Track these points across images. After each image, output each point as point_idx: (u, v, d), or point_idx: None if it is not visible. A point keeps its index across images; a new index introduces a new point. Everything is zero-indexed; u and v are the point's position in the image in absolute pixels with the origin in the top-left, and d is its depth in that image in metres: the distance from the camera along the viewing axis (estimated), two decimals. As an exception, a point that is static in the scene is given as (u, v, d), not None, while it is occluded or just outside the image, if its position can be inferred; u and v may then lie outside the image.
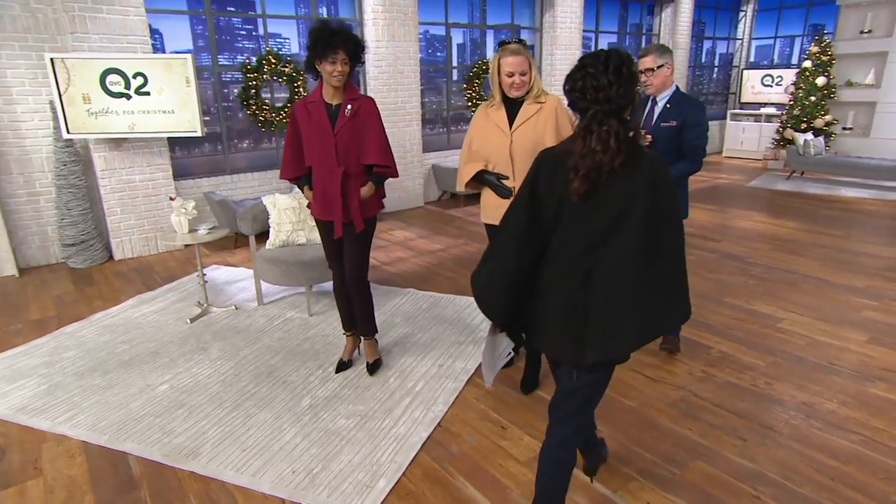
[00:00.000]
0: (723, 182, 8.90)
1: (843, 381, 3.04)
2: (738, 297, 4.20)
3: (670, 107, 3.00)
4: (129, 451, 2.58)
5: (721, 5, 11.32)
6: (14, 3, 4.87)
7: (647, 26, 10.24)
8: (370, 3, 6.56)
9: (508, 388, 3.02)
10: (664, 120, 3.01)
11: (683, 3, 10.02)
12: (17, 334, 3.88)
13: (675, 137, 2.97)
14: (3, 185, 5.09)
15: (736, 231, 6.05)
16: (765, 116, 10.60)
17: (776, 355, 3.34)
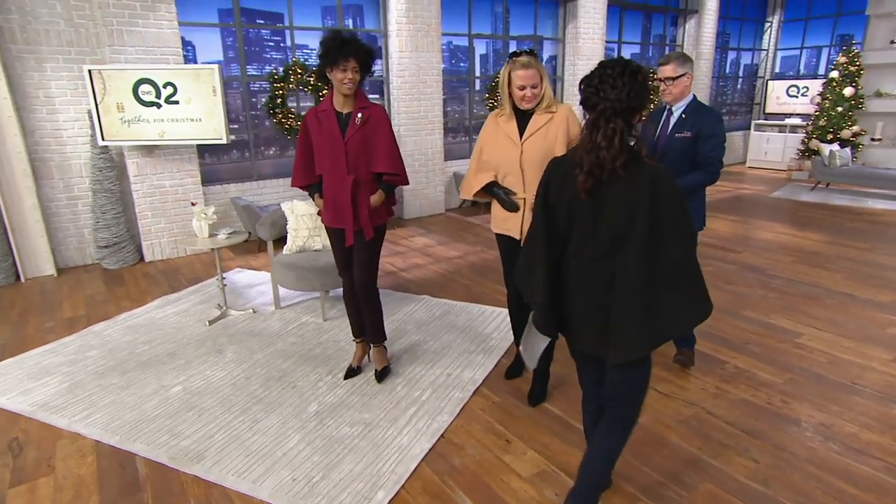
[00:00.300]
0: (746, 192, 8.59)
1: (866, 403, 2.83)
2: (756, 310, 3.98)
3: (685, 117, 2.84)
4: (137, 451, 2.54)
5: (746, 16, 10.97)
6: (59, 20, 4.97)
7: (671, 37, 9.98)
8: (394, 15, 6.52)
9: (516, 400, 2.90)
10: (678, 130, 2.85)
11: (707, 14, 9.73)
12: (48, 332, 3.92)
13: (690, 148, 2.81)
14: (45, 190, 5.18)
15: (757, 242, 5.79)
16: (789, 127, 10.20)
17: (794, 372, 3.13)
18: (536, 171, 2.58)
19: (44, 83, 5.01)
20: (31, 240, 5.06)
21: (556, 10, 8.26)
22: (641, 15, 9.37)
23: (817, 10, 10.70)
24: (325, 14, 6.40)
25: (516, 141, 2.59)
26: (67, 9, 4.97)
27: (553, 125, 2.57)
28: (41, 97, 5.03)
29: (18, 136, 4.86)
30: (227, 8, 5.77)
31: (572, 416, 2.74)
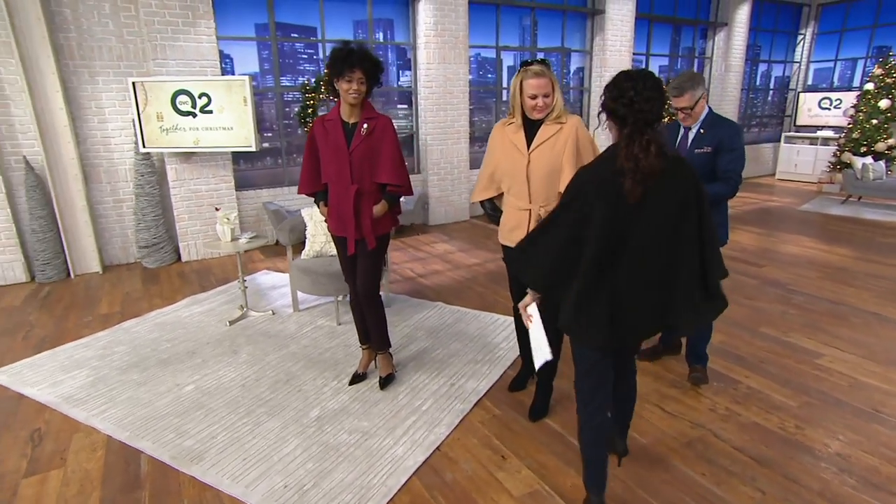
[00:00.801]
0: (773, 205, 8.11)
1: (890, 433, 2.54)
2: (775, 327, 3.68)
3: (704, 132, 2.64)
4: (143, 449, 2.50)
5: (778, 28, 10.40)
6: (112, 37, 5.08)
7: (700, 50, 9.54)
8: (423, 29, 6.43)
9: (516, 414, 2.73)
10: (698, 146, 2.65)
11: (737, 27, 9.27)
12: (85, 326, 3.97)
13: (711, 163, 2.62)
14: (94, 193, 5.31)
15: (781, 256, 5.41)
16: (821, 139, 9.61)
17: (811, 396, 2.85)
18: (543, 182, 2.42)
19: (96, 95, 5.13)
20: (80, 239, 5.18)
21: (584, 23, 8.00)
22: (670, 27, 8.99)
23: (853, 21, 10.04)
24: (357, 27, 6.36)
25: (523, 151, 2.43)
26: (118, 26, 5.07)
27: (561, 136, 2.40)
28: (93, 108, 5.15)
29: (72, 143, 4.98)
30: (264, 23, 5.79)
31: (571, 432, 2.55)
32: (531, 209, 2.46)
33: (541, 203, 2.45)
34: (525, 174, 2.44)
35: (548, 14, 7.64)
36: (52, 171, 4.94)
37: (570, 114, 2.45)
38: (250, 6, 5.68)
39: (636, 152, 1.61)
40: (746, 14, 9.25)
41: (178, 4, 5.06)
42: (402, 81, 6.86)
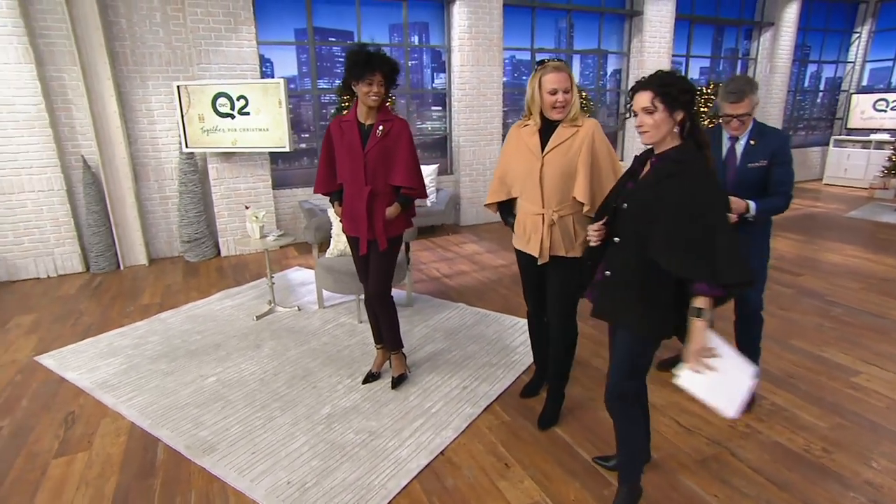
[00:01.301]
0: (818, 211, 7.59)
1: (928, 461, 2.29)
2: (808, 340, 3.41)
3: (755, 143, 2.39)
4: (161, 437, 2.55)
5: (830, 27, 9.72)
6: (161, 43, 5.26)
7: (744, 51, 9.03)
8: (457, 31, 6.35)
9: (525, 421, 2.62)
10: (751, 160, 2.40)
11: (785, 26, 8.71)
12: (126, 316, 4.12)
13: (765, 178, 2.40)
14: (142, 190, 5.51)
15: (822, 265, 5.03)
16: (874, 143, 8.92)
17: (844, 416, 2.61)
18: (556, 185, 2.31)
19: (146, 98, 5.32)
20: (129, 233, 5.40)
21: (622, 25, 7.72)
22: (712, 28, 8.55)
23: (914, 18, 9.28)
24: (392, 31, 6.34)
25: (537, 153, 2.32)
26: (168, 34, 5.24)
27: (577, 140, 2.28)
28: (143, 110, 5.35)
29: (123, 143, 5.19)
30: (303, 27, 5.86)
31: (580, 443, 2.43)
32: (544, 213, 2.35)
33: (554, 207, 2.33)
34: (538, 177, 2.32)
35: (584, 16, 7.41)
36: (106, 170, 5.16)
37: (587, 117, 2.33)
38: (290, 12, 5.76)
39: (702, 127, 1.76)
40: (795, 13, 8.69)
41: (222, 12, 5.18)
42: (437, 84, 6.81)
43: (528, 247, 2.43)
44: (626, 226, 1.80)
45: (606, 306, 1.89)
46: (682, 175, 1.67)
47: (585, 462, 2.30)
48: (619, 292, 1.83)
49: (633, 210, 1.78)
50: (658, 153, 1.76)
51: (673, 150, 1.73)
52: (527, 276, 2.59)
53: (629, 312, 1.81)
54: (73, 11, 4.75)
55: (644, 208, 1.74)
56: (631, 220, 1.78)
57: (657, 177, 1.73)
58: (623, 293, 1.82)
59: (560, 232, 2.34)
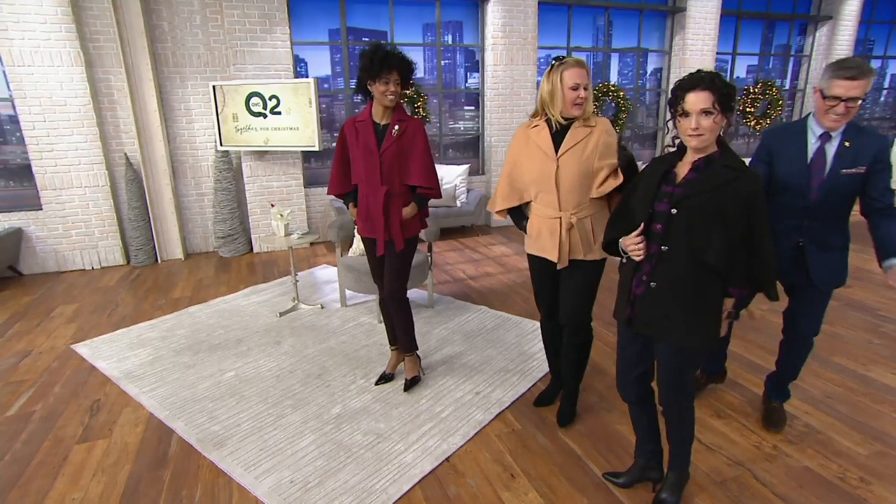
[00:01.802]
0: (878, 218, 7.07)
1: (983, 499, 2.06)
2: (853, 358, 3.16)
3: (850, 145, 2.02)
4: (176, 429, 2.61)
5: (897, 20, 9.06)
6: (200, 45, 5.44)
7: (797, 47, 8.54)
8: (491, 30, 6.28)
9: (536, 431, 2.54)
10: (847, 164, 2.02)
11: (844, 20, 8.17)
12: (157, 308, 4.27)
13: (860, 187, 2.05)
14: (180, 187, 5.72)
15: (875, 276, 4.66)
16: (945, 145, 8.24)
17: (886, 443, 2.40)
18: (574, 188, 2.22)
19: (185, 98, 5.51)
20: (167, 229, 5.61)
21: (664, 22, 7.44)
22: (761, 24, 8.12)
23: None
24: (426, 30, 6.33)
25: (551, 154, 2.23)
26: (206, 36, 5.41)
27: (592, 139, 2.20)
28: (182, 109, 5.54)
29: (163, 142, 5.40)
30: (336, 28, 5.93)
31: (590, 456, 2.33)
32: (562, 217, 2.26)
33: (572, 210, 2.25)
34: (554, 180, 2.24)
35: (623, 13, 7.18)
36: (146, 167, 5.38)
37: (599, 117, 2.25)
38: (324, 12, 5.84)
39: None
40: (857, 5, 8.13)
41: (258, 13, 5.30)
42: (470, 83, 6.75)
43: (546, 252, 2.35)
44: (678, 233, 1.70)
45: (652, 320, 1.79)
46: (741, 181, 1.63)
47: (595, 476, 2.20)
48: (666, 304, 1.74)
49: (687, 216, 1.68)
50: (702, 157, 1.68)
51: (719, 153, 1.67)
52: (540, 282, 2.51)
53: (677, 326, 1.73)
54: (119, 16, 4.98)
55: (702, 214, 1.65)
56: (684, 227, 1.69)
57: (712, 182, 1.64)
58: (671, 305, 1.73)
59: (579, 235, 2.26)
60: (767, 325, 3.68)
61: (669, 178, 1.74)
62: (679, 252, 1.70)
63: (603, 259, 2.35)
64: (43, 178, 5.07)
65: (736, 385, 2.91)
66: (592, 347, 2.57)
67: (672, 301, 1.73)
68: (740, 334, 3.52)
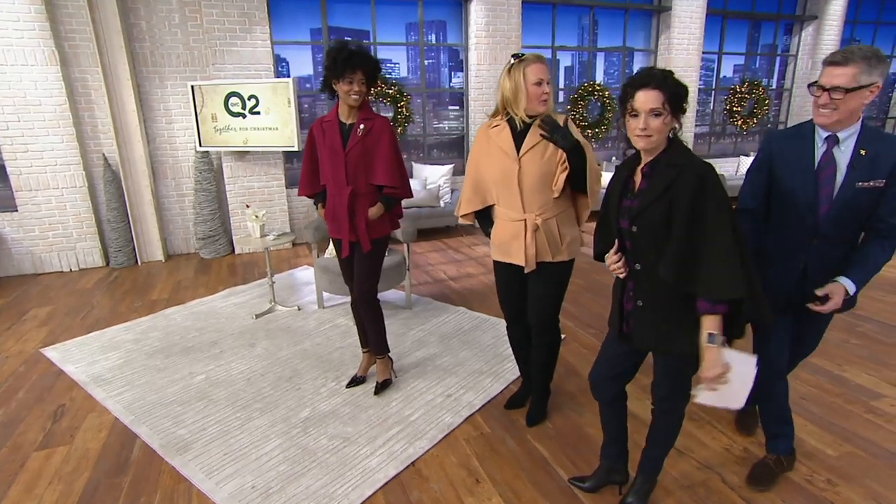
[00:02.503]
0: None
1: (950, 500, 2.05)
2: (829, 358, 3.15)
3: (866, 153, 1.70)
4: (140, 434, 2.56)
5: (882, 20, 9.10)
6: (179, 44, 5.38)
7: (783, 47, 8.56)
8: (474, 29, 6.26)
9: (505, 434, 2.51)
10: (863, 176, 1.71)
11: (829, 20, 8.20)
12: (133, 311, 4.22)
13: (875, 204, 1.74)
14: (160, 187, 5.66)
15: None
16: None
17: (856, 445, 2.38)
18: (537, 188, 2.17)
19: (164, 98, 5.46)
20: (147, 230, 5.55)
21: (649, 21, 7.44)
22: (747, 23, 8.13)
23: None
24: (409, 30, 6.30)
25: (512, 155, 2.18)
26: (185, 35, 5.35)
27: None
28: (161, 109, 5.48)
29: (141, 142, 5.34)
30: (318, 27, 5.89)
31: (559, 461, 2.30)
32: (526, 219, 2.22)
33: (536, 212, 2.21)
34: (516, 181, 2.20)
35: (608, 12, 7.18)
36: (125, 167, 5.31)
37: (559, 113, 2.22)
38: (305, 12, 5.79)
39: None
40: (842, 5, 8.17)
41: (237, 12, 5.25)
42: (454, 83, 6.72)
43: (512, 257, 2.31)
44: (643, 249, 1.63)
45: (648, 337, 1.71)
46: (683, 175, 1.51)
47: (560, 481, 2.18)
48: (658, 321, 1.67)
49: (645, 233, 1.60)
50: (648, 161, 1.60)
51: (664, 154, 1.57)
52: (507, 288, 2.46)
53: (675, 339, 1.66)
54: (95, 15, 4.91)
55: (657, 228, 1.56)
56: (647, 243, 1.61)
57: (658, 188, 1.55)
58: (662, 322, 1.66)
59: (545, 236, 2.22)
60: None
61: (629, 189, 1.67)
62: (653, 267, 1.61)
63: (571, 260, 2.32)
64: (18, 180, 5.00)
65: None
66: (567, 349, 2.56)
67: (662, 318, 1.66)
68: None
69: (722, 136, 8.65)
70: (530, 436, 2.49)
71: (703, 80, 8.08)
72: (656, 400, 1.85)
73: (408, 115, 6.19)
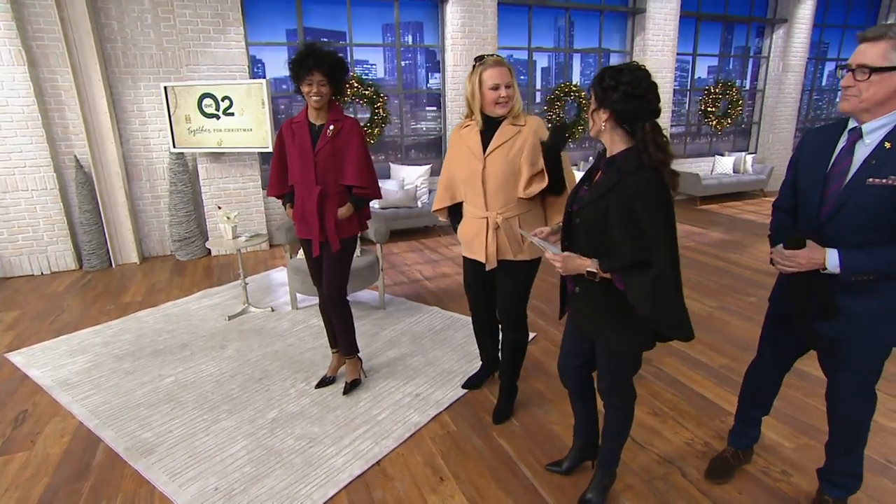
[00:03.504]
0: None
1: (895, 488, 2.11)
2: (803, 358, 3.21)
3: (890, 146, 1.45)
4: (105, 438, 2.52)
5: (849, 24, 9.31)
6: (152, 45, 5.30)
7: (756, 48, 8.72)
8: (450, 31, 6.27)
9: (472, 432, 2.52)
10: (878, 172, 1.45)
11: (799, 23, 8.37)
12: (104, 314, 4.15)
13: (889, 207, 1.45)
14: (134, 189, 5.57)
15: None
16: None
17: (812, 436, 2.43)
18: (501, 188, 2.21)
19: (137, 99, 5.37)
20: (121, 232, 5.46)
21: (624, 23, 7.52)
22: (720, 26, 8.26)
23: (940, 13, 8.80)
24: (386, 31, 6.29)
25: (478, 154, 2.23)
26: (158, 36, 5.28)
27: (520, 139, 2.19)
28: (135, 111, 5.40)
29: (114, 144, 5.25)
30: (294, 28, 5.85)
31: (524, 458, 2.32)
32: (488, 217, 2.26)
33: (498, 210, 2.24)
34: (481, 180, 2.23)
35: (585, 14, 7.23)
36: (97, 169, 5.22)
37: (530, 115, 2.25)
38: (281, 13, 5.75)
39: (662, 142, 1.47)
40: (810, 9, 8.34)
41: (210, 13, 5.19)
42: (431, 84, 6.73)
43: (476, 253, 2.34)
44: (581, 238, 1.67)
45: (584, 322, 1.77)
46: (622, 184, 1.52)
47: (524, 478, 2.19)
48: (590, 307, 1.72)
49: (584, 222, 1.64)
50: (608, 156, 1.62)
51: (620, 154, 1.57)
52: (473, 283, 2.52)
53: (603, 328, 1.71)
54: (63, 14, 4.83)
55: (595, 220, 1.59)
56: (584, 233, 1.65)
57: (601, 190, 1.58)
58: (594, 308, 1.71)
59: (506, 235, 2.25)
60: (715, 322, 3.74)
61: (591, 178, 1.70)
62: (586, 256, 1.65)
63: (536, 259, 2.35)
64: (-15, 182, 4.89)
65: (675, 382, 2.94)
66: (537, 347, 2.59)
67: (593, 309, 1.71)
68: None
69: (697, 136, 8.77)
70: (496, 434, 2.50)
71: (679, 81, 8.19)
72: (601, 394, 1.89)
73: (384, 115, 6.18)
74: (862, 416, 1.78)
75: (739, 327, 3.63)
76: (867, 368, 1.69)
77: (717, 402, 2.72)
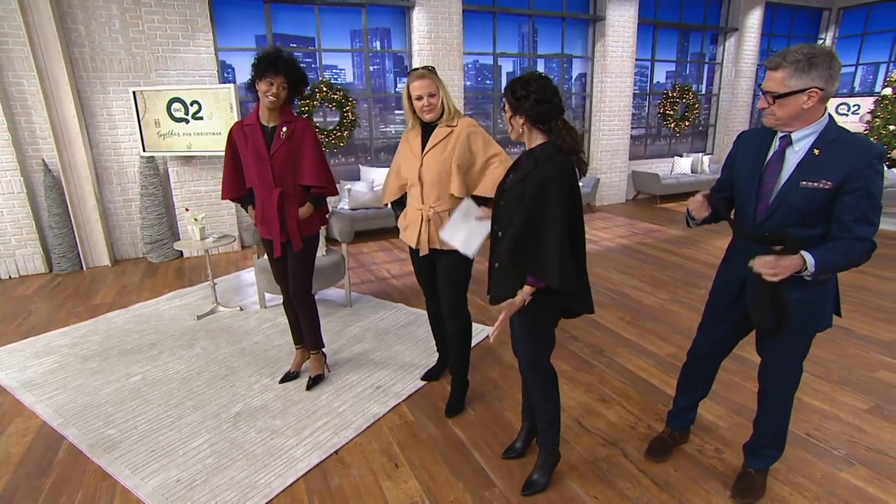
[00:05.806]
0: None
1: (814, 460, 2.25)
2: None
3: (819, 153, 1.56)
4: (67, 436, 2.51)
5: (794, 34, 9.67)
6: (121, 50, 5.22)
7: (710, 55, 8.99)
8: (417, 37, 6.32)
9: (428, 422, 2.58)
10: (809, 176, 1.56)
11: (748, 32, 8.66)
12: (73, 316, 4.08)
13: (825, 206, 1.57)
14: (105, 192, 5.48)
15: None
16: (838, 145, 8.86)
17: (745, 416, 2.56)
18: (434, 184, 2.38)
19: (107, 103, 5.29)
20: (92, 235, 5.36)
21: (586, 29, 7.68)
22: (677, 33, 8.50)
23: (875, 25, 9.23)
24: (354, 37, 6.31)
25: (418, 154, 2.41)
26: (127, 41, 5.21)
27: (451, 140, 2.36)
28: (104, 115, 5.31)
29: (83, 147, 5.16)
30: (263, 34, 5.83)
31: (476, 444, 2.39)
32: (423, 210, 2.43)
33: (431, 203, 2.42)
34: (418, 176, 2.40)
35: (548, 21, 7.37)
36: (66, 173, 5.13)
37: (462, 117, 2.39)
38: (250, 18, 5.72)
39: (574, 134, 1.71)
40: (758, 19, 8.65)
41: (179, 19, 5.15)
42: (399, 88, 6.77)
43: (411, 240, 2.53)
44: (502, 219, 1.84)
45: (497, 295, 1.89)
46: (535, 171, 1.72)
47: (475, 463, 2.27)
48: (506, 282, 1.84)
49: (506, 203, 1.82)
50: (527, 149, 1.81)
51: (538, 147, 1.77)
52: (418, 268, 2.66)
53: None
54: (28, 19, 4.73)
55: (511, 207, 1.78)
56: (504, 216, 1.82)
57: (520, 176, 1.78)
58: (506, 287, 1.83)
59: (435, 226, 2.41)
60: (666, 313, 3.87)
61: (515, 168, 1.88)
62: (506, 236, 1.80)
63: None
64: (-50, 186, 4.76)
65: (624, 370, 3.05)
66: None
67: (506, 284, 1.82)
68: (638, 323, 3.70)
69: (657, 137, 9.00)
70: (451, 422, 2.57)
71: (638, 86, 8.40)
72: (522, 374, 2.04)
73: (353, 119, 6.20)
74: (789, 391, 1.93)
75: (687, 318, 3.77)
76: (798, 351, 1.85)
77: (662, 388, 2.84)
